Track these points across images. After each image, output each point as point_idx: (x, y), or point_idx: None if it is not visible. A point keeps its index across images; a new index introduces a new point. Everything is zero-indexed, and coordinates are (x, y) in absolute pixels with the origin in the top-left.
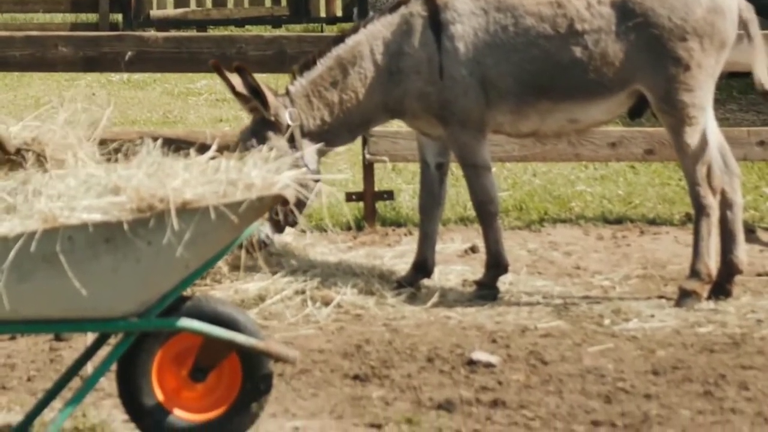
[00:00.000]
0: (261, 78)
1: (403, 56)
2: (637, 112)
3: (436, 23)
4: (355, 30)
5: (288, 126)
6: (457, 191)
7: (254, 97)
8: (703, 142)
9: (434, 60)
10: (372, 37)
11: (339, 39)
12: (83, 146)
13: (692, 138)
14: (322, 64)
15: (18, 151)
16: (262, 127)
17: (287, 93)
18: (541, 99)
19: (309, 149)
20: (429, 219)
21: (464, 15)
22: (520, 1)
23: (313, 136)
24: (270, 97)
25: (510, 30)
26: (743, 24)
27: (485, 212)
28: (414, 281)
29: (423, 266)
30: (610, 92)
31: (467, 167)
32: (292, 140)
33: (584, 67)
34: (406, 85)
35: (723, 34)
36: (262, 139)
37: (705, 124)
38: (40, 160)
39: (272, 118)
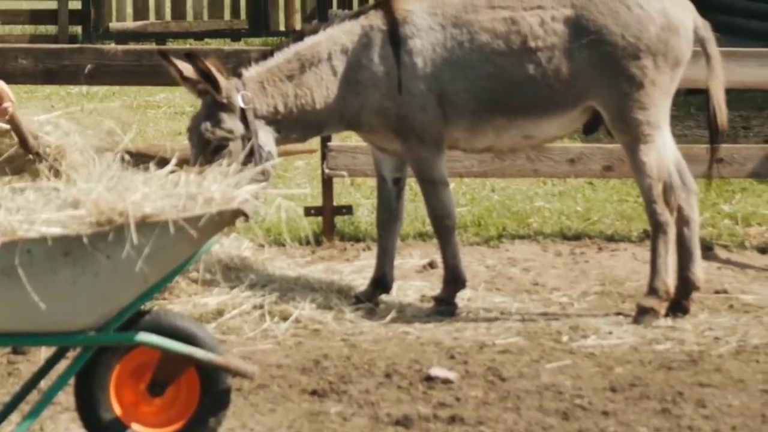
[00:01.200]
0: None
1: (361, 69)
2: (591, 127)
3: (395, 38)
4: (314, 31)
5: (241, 108)
6: (415, 206)
7: (205, 81)
8: (659, 160)
9: (393, 74)
10: (332, 41)
11: (298, 37)
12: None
13: (648, 156)
14: (280, 57)
15: (37, 154)
16: (214, 110)
17: (239, 77)
18: (496, 115)
19: (264, 131)
20: (387, 234)
21: (423, 30)
22: (476, 18)
23: (265, 122)
24: (221, 80)
25: (466, 46)
26: (700, 43)
27: (442, 227)
28: (373, 297)
29: (382, 282)
30: (564, 108)
31: (424, 182)
32: (245, 122)
33: (538, 83)
34: (364, 98)
35: (677, 51)
36: (216, 122)
37: (661, 141)
38: (54, 169)
39: (224, 101)
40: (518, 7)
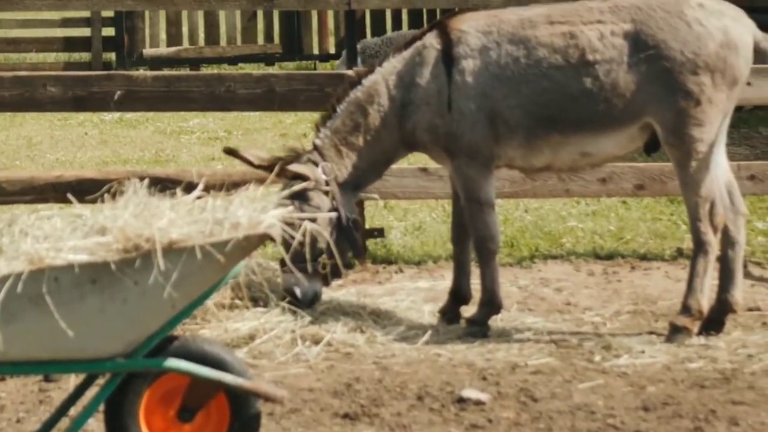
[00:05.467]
0: (251, 116)
1: (414, 87)
2: (652, 146)
3: (449, 57)
4: (370, 70)
5: (326, 182)
6: (447, 227)
7: (290, 179)
8: (709, 178)
9: (444, 93)
10: (387, 73)
11: (356, 81)
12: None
13: (698, 173)
14: (342, 110)
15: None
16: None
17: (315, 148)
18: (551, 132)
19: (347, 198)
20: (461, 249)
21: (476, 50)
22: (534, 33)
23: (346, 184)
24: (300, 168)
25: (522, 62)
26: (762, 54)
27: (485, 249)
28: (452, 310)
29: (458, 295)
30: (621, 124)
31: (471, 202)
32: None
33: (595, 98)
34: (416, 117)
35: (735, 70)
36: (304, 200)
37: (713, 159)
38: None
39: (313, 184)
40: (577, 21)
